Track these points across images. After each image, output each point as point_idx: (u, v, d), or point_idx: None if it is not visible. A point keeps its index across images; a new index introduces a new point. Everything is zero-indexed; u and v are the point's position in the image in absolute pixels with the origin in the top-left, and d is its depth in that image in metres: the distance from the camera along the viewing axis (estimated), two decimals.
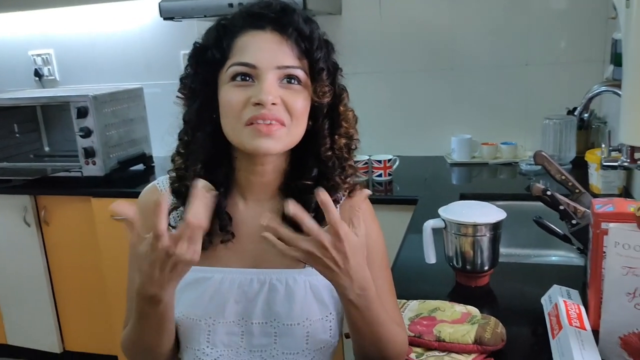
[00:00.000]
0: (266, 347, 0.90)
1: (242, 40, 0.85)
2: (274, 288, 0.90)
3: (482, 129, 2.46)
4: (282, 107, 0.83)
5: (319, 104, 0.88)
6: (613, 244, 0.89)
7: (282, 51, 0.84)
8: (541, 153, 1.26)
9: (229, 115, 0.84)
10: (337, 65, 0.91)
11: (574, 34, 2.30)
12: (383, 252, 0.96)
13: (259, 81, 0.83)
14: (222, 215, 0.90)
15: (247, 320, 0.90)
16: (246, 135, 0.83)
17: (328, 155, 0.90)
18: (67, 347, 2.74)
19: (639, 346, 0.89)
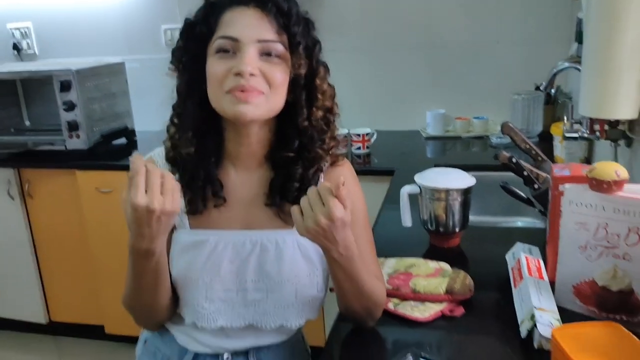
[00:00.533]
0: (259, 302, 0.98)
1: (227, 16, 0.92)
2: (265, 248, 0.98)
3: (455, 104, 2.57)
4: (261, 78, 0.90)
5: (297, 77, 0.94)
6: (568, 202, 1.00)
7: (262, 26, 0.90)
8: (508, 124, 1.36)
9: (213, 84, 0.92)
10: (317, 41, 0.97)
11: (543, 14, 2.40)
12: (364, 214, 1.05)
13: (240, 53, 0.89)
14: (214, 181, 0.98)
15: (241, 278, 0.98)
16: (227, 102, 0.90)
17: (305, 125, 0.97)
18: (53, 317, 2.80)
19: (589, 293, 1.01)
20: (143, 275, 0.91)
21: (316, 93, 0.97)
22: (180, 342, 1.04)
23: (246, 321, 0.99)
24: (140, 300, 0.97)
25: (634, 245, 0.93)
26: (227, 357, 1.03)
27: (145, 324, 1.07)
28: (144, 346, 1.12)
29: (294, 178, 0.97)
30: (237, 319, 0.99)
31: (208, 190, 0.97)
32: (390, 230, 1.48)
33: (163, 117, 0.98)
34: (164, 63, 3.11)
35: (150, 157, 1.04)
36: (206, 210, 0.99)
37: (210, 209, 0.99)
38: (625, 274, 0.95)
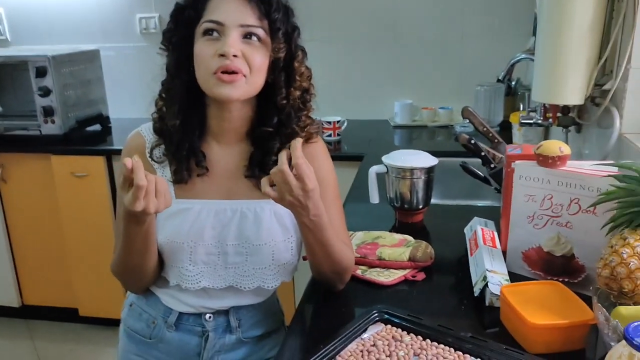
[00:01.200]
0: (239, 264, 1.07)
1: (214, 2, 0.99)
2: (244, 215, 1.06)
3: (422, 95, 2.70)
4: (243, 60, 0.98)
5: (277, 60, 1.02)
6: (518, 177, 1.11)
7: (245, 12, 0.98)
8: (467, 108, 1.47)
9: (200, 65, 0.99)
10: (296, 27, 1.05)
11: (505, 10, 2.54)
12: (335, 185, 1.14)
13: (224, 37, 0.97)
14: (197, 152, 1.06)
15: (222, 242, 1.06)
16: (213, 83, 0.98)
17: (283, 104, 1.05)
18: (26, 301, 2.83)
19: (536, 258, 1.12)
20: (135, 239, 0.98)
21: (294, 74, 1.05)
22: (165, 303, 1.12)
23: (227, 282, 1.07)
24: (129, 263, 1.04)
25: (575, 215, 1.05)
26: (209, 316, 1.12)
27: (133, 287, 1.13)
28: (130, 309, 1.18)
29: (272, 152, 1.05)
30: (219, 280, 1.07)
31: (192, 161, 1.05)
32: (358, 208, 1.58)
33: (137, 104, 1.04)
34: (139, 51, 3.21)
35: (138, 131, 1.10)
36: (191, 181, 1.06)
37: (195, 180, 1.06)
38: (567, 241, 1.07)
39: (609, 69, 1.36)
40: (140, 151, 1.06)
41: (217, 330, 1.13)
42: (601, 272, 0.89)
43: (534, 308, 0.91)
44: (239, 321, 1.14)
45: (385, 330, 0.95)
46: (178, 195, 1.06)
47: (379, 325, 0.96)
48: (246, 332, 1.15)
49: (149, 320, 1.14)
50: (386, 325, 0.96)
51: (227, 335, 1.14)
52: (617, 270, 0.86)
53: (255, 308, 1.15)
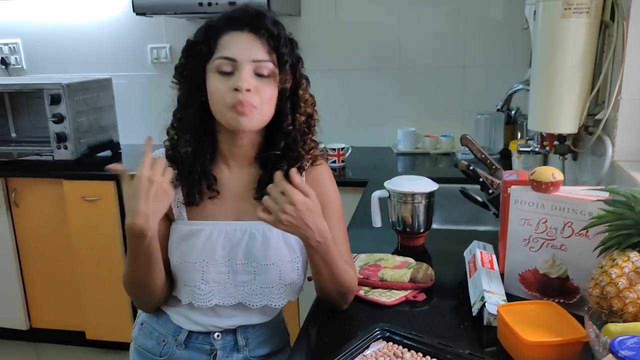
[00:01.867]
0: (248, 283, 1.12)
1: (225, 39, 1.06)
2: (253, 236, 1.11)
3: (424, 123, 2.77)
4: (255, 94, 1.04)
5: (283, 90, 1.09)
6: (514, 202, 1.16)
7: (256, 48, 1.05)
8: (466, 136, 1.53)
9: (216, 100, 1.05)
10: (300, 58, 1.12)
11: (506, 42, 2.62)
12: (339, 208, 1.20)
13: (237, 72, 1.04)
14: (208, 176, 1.12)
15: (232, 262, 1.11)
16: (231, 117, 1.04)
17: (289, 129, 1.11)
18: (34, 324, 2.86)
19: (532, 280, 1.16)
20: (138, 255, 1.03)
21: (299, 102, 1.11)
22: (175, 321, 1.17)
23: (236, 300, 1.12)
24: (135, 278, 1.09)
25: (569, 238, 1.09)
26: (218, 335, 1.16)
27: (142, 304, 1.18)
28: (141, 327, 1.23)
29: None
30: (229, 298, 1.12)
31: (203, 185, 1.11)
32: (362, 231, 1.63)
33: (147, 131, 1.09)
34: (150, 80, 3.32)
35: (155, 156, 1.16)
36: (202, 204, 1.12)
37: (206, 202, 1.12)
38: (562, 263, 1.11)
39: (601, 100, 1.42)
40: None
41: (225, 348, 1.17)
42: (592, 292, 0.93)
43: (529, 326, 0.95)
44: (246, 340, 1.18)
45: (387, 347, 0.99)
46: (190, 217, 1.12)
47: (380, 343, 1.00)
48: (253, 351, 1.19)
49: (159, 338, 1.19)
50: (388, 343, 1.00)
51: (235, 354, 1.18)
52: (607, 289, 0.90)
53: (262, 327, 1.19)
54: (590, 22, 1.35)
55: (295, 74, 1.11)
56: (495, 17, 2.64)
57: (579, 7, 1.34)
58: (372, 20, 2.75)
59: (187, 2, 2.36)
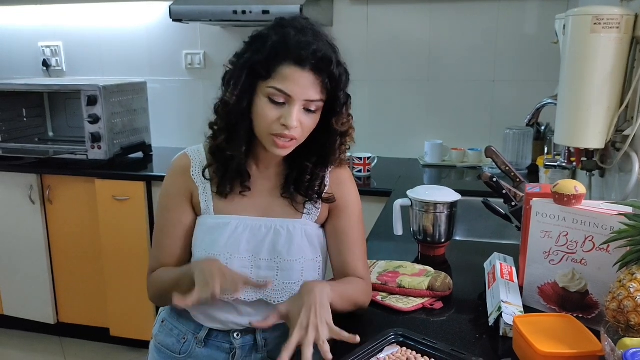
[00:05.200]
0: (270, 279, 1.13)
1: (285, 70, 1.02)
2: (277, 232, 1.14)
3: (452, 136, 2.76)
4: (300, 128, 1.06)
5: (335, 130, 1.11)
6: (535, 214, 1.16)
7: (312, 89, 1.04)
8: (491, 148, 1.53)
9: (262, 124, 1.06)
10: (350, 95, 1.14)
11: (536, 56, 2.61)
12: (359, 211, 1.21)
13: (289, 106, 1.04)
14: (244, 174, 1.14)
15: (256, 257, 1.14)
16: (269, 142, 1.07)
17: (332, 154, 1.14)
18: (61, 319, 2.94)
19: (551, 293, 1.16)
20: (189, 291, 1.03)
21: (346, 136, 1.15)
22: (196, 319, 1.19)
23: (258, 295, 1.14)
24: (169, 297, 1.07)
25: (589, 252, 1.09)
26: (238, 334, 1.18)
27: (159, 304, 1.22)
28: (161, 325, 1.25)
29: (306, 172, 1.14)
30: (251, 293, 1.13)
31: (236, 180, 1.13)
32: (384, 239, 1.64)
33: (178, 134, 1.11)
34: (183, 85, 3.41)
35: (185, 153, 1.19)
36: (230, 198, 1.15)
37: (234, 197, 1.14)
38: (582, 277, 1.10)
39: (630, 115, 1.41)
40: (185, 170, 1.16)
41: (244, 348, 1.19)
42: (609, 305, 0.92)
43: (545, 338, 0.95)
44: (265, 340, 1.20)
45: (400, 352, 1.00)
46: (216, 211, 1.15)
47: (395, 347, 1.01)
48: (272, 352, 1.21)
49: (180, 335, 1.21)
50: (402, 348, 1.01)
51: (254, 353, 1.20)
52: (624, 303, 0.89)
53: (281, 328, 1.20)
54: (620, 38, 1.34)
55: (347, 110, 1.13)
56: (527, 32, 2.63)
57: (609, 23, 1.33)
58: (402, 32, 2.77)
59: (222, 10, 2.42)
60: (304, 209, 1.17)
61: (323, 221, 1.20)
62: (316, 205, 1.17)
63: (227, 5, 2.42)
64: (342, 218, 1.19)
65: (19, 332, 3.03)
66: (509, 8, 2.63)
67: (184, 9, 2.53)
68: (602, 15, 1.33)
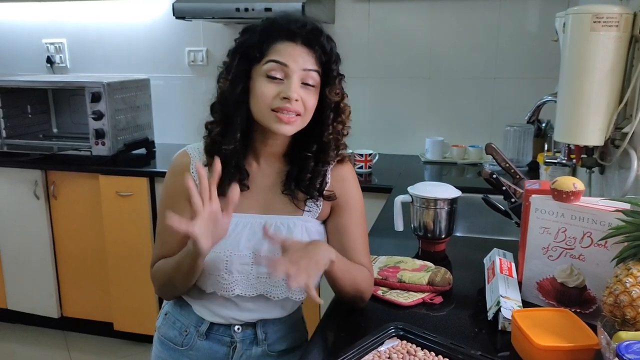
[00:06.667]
0: (270, 275, 1.12)
1: (278, 47, 1.07)
2: (277, 229, 1.15)
3: (453, 133, 2.78)
4: (301, 103, 1.08)
5: (329, 102, 1.13)
6: (534, 210, 1.18)
7: (307, 59, 1.08)
8: (491, 144, 1.54)
9: (261, 103, 1.08)
10: (342, 74, 1.16)
11: (537, 54, 2.62)
12: (362, 207, 1.23)
13: (287, 80, 1.07)
14: (242, 170, 1.15)
15: (256, 254, 1.15)
16: (272, 119, 1.08)
17: (329, 138, 1.16)
18: (65, 313, 2.97)
19: (550, 288, 1.17)
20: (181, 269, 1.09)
21: (341, 113, 1.16)
22: (197, 313, 1.21)
23: (258, 291, 1.16)
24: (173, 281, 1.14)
25: (587, 248, 1.10)
26: (238, 328, 1.21)
27: (166, 295, 1.24)
28: (165, 317, 1.28)
29: (307, 169, 1.15)
30: (251, 289, 1.16)
31: (236, 177, 1.14)
32: (384, 235, 1.66)
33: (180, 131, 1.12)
34: (186, 81, 3.43)
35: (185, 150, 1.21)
36: None
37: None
38: (579, 273, 1.12)
39: (629, 113, 1.42)
40: (185, 168, 1.17)
41: (244, 341, 1.21)
42: (606, 300, 0.94)
43: (542, 332, 0.97)
44: (266, 334, 1.22)
45: (400, 345, 1.02)
46: None
47: (395, 340, 1.03)
48: (272, 346, 1.23)
49: (182, 328, 1.23)
50: (402, 341, 1.03)
51: (254, 347, 1.22)
52: (620, 298, 0.91)
53: (281, 322, 1.23)
54: (620, 36, 1.35)
55: (340, 87, 1.15)
56: (528, 30, 2.64)
57: (609, 21, 1.34)
58: (404, 30, 2.79)
59: (225, 8, 2.44)
60: (304, 206, 1.18)
61: (324, 218, 1.21)
62: (317, 203, 1.18)
63: (230, 2, 2.44)
64: (345, 216, 1.20)
65: (24, 326, 3.05)
66: (510, 6, 2.65)
67: (187, 6, 2.55)
68: (601, 14, 1.34)
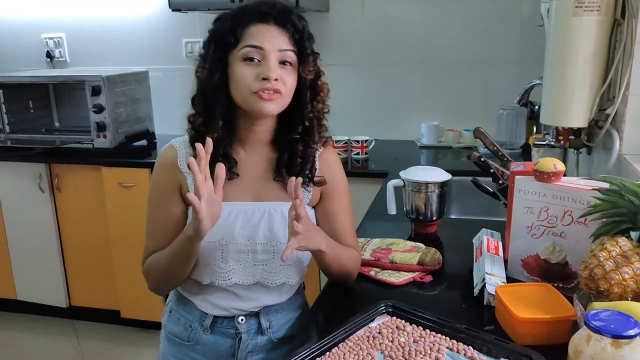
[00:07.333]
0: (267, 262, 1.19)
1: (252, 30, 1.10)
2: (271, 216, 1.18)
3: (448, 117, 2.83)
4: (281, 82, 1.11)
5: (305, 80, 1.16)
6: (517, 191, 1.23)
7: (281, 39, 1.12)
8: (479, 129, 1.59)
9: (242, 86, 1.09)
10: (317, 52, 1.19)
11: (529, 38, 2.64)
12: (347, 191, 1.27)
13: (265, 62, 1.10)
14: (229, 159, 1.16)
15: (251, 241, 1.16)
16: (254, 101, 1.10)
17: (310, 116, 1.18)
18: (73, 302, 3.05)
19: (534, 265, 1.23)
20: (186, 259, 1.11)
21: (318, 91, 1.19)
22: (200, 308, 1.22)
23: (255, 279, 1.19)
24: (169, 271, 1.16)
25: (568, 225, 1.15)
26: (242, 319, 1.22)
27: (160, 291, 1.26)
28: (169, 315, 1.29)
29: (297, 155, 1.18)
30: (248, 277, 1.19)
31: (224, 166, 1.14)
32: (379, 219, 1.71)
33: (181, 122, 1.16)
34: (184, 73, 3.49)
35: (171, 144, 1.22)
36: None
37: (224, 184, 1.12)
38: (561, 249, 1.17)
39: (612, 95, 1.47)
40: (172, 162, 1.18)
41: (249, 332, 1.23)
42: (582, 274, 0.99)
43: (523, 305, 1.02)
44: (270, 322, 1.24)
45: (390, 321, 1.07)
46: None
47: (385, 317, 1.08)
48: (276, 333, 1.25)
49: (187, 324, 1.25)
50: (392, 317, 1.08)
51: (259, 336, 1.24)
52: (595, 271, 0.96)
53: (284, 310, 1.26)
54: (601, 20, 1.39)
55: (315, 65, 1.18)
56: (520, 14, 2.67)
57: (590, 6, 1.38)
58: (398, 16, 2.82)
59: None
60: None
61: (315, 204, 1.24)
62: (308, 189, 1.21)
63: None
64: (334, 201, 1.23)
65: (33, 316, 3.13)
66: None
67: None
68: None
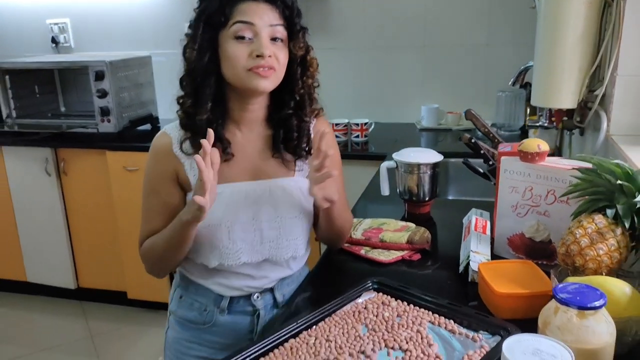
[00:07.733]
0: (273, 238, 1.19)
1: (242, 7, 1.09)
2: (273, 193, 1.18)
3: (448, 100, 2.84)
4: (274, 58, 1.12)
5: (295, 56, 1.17)
6: (503, 171, 1.26)
7: (272, 15, 1.12)
8: (470, 111, 1.62)
9: (235, 64, 1.09)
10: (306, 27, 1.19)
11: (529, 20, 2.63)
12: (340, 160, 1.29)
13: (257, 38, 1.10)
14: (222, 140, 1.15)
15: (257, 220, 1.17)
16: (248, 78, 1.10)
17: (301, 92, 1.20)
18: (81, 284, 3.12)
19: (519, 243, 1.26)
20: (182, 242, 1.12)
21: (307, 66, 1.20)
22: (216, 291, 1.22)
23: (263, 256, 1.20)
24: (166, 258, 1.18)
25: (551, 204, 1.18)
26: (257, 296, 1.24)
27: (157, 273, 1.26)
28: (180, 301, 1.28)
29: (293, 130, 1.20)
30: (256, 255, 1.19)
31: (218, 148, 1.12)
32: (374, 201, 1.75)
33: None
34: None
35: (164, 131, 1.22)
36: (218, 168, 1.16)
37: (221, 166, 1.13)
38: (545, 228, 1.20)
39: (601, 76, 1.48)
40: (167, 149, 1.17)
41: (266, 307, 1.25)
42: (560, 250, 1.03)
43: (503, 281, 1.06)
44: (284, 295, 1.26)
45: (376, 297, 1.11)
46: None
47: (372, 293, 1.13)
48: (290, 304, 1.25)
49: (201, 308, 1.24)
50: (378, 293, 1.12)
51: (276, 310, 1.25)
52: (571, 247, 1.00)
53: (295, 281, 1.29)
54: (591, 2, 1.41)
55: (304, 40, 1.19)
56: None
57: None
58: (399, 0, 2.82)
59: None
60: (295, 167, 1.22)
61: None
62: (306, 162, 1.22)
63: None
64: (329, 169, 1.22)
65: (43, 297, 3.21)
66: None
67: None
68: None
